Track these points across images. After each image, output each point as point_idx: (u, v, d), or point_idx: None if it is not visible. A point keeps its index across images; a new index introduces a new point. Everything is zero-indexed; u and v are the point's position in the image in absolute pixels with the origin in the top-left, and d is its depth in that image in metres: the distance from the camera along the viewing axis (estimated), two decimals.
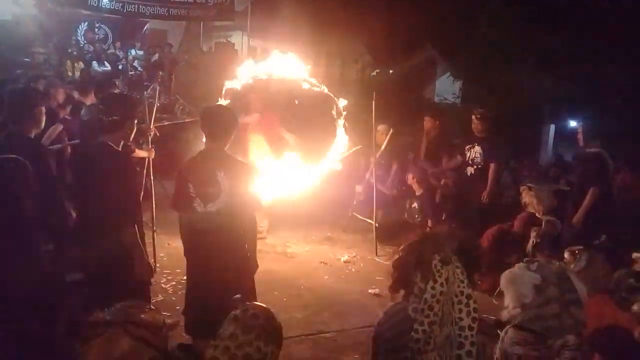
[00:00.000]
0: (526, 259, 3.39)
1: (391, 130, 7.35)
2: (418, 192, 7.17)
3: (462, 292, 2.57)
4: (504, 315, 3.12)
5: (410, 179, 7.24)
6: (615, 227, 6.07)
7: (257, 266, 3.71)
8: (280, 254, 6.51)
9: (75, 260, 3.26)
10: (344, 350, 4.29)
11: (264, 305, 2.14)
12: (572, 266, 3.78)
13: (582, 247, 4.26)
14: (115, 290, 3.13)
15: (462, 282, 2.52)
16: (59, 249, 3.46)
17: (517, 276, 3.11)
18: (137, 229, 3.35)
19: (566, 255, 4.24)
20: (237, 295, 2.17)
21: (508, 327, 3.09)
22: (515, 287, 3.08)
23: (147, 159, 5.53)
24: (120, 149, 3.37)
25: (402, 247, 2.65)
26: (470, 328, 2.50)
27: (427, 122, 7.73)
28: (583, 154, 6.20)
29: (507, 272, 3.20)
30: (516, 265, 3.24)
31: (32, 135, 3.75)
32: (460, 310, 2.58)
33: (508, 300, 3.09)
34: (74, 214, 3.74)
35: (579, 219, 5.80)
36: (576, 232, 5.76)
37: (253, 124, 6.75)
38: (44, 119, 3.82)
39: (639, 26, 14.69)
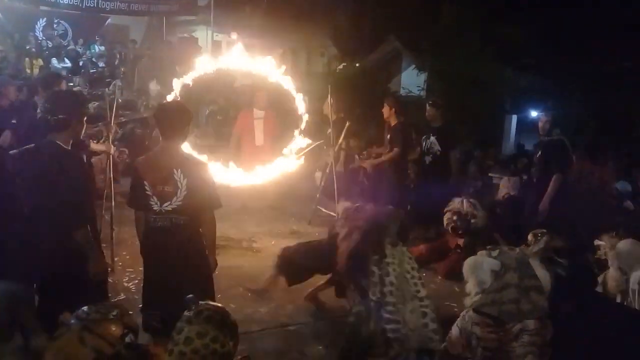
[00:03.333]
0: (489, 246, 3.45)
1: (347, 123, 7.37)
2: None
3: (413, 268, 2.68)
4: (467, 302, 3.18)
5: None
6: (577, 214, 6.24)
7: (217, 264, 3.69)
8: (246, 249, 6.48)
9: (26, 263, 3.17)
10: (308, 342, 4.30)
11: (217, 305, 2.12)
12: (531, 248, 3.86)
13: (544, 230, 4.36)
14: (70, 291, 3.09)
15: (410, 258, 2.63)
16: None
17: (478, 263, 3.17)
18: (91, 227, 3.30)
19: (529, 237, 4.34)
20: (190, 295, 2.14)
21: (468, 308, 3.16)
22: (475, 273, 3.14)
23: (107, 155, 5.43)
24: (69, 148, 3.29)
25: (349, 233, 2.74)
26: (427, 297, 2.64)
27: (385, 109, 7.30)
28: (544, 142, 6.33)
29: (469, 259, 3.27)
30: (478, 252, 3.30)
31: None
32: (416, 284, 2.69)
33: (470, 287, 3.15)
34: None
35: (545, 206, 5.92)
36: (540, 219, 5.88)
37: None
38: None
39: (598, 17, 15.06)
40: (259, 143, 6.85)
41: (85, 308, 1.99)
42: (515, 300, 3.04)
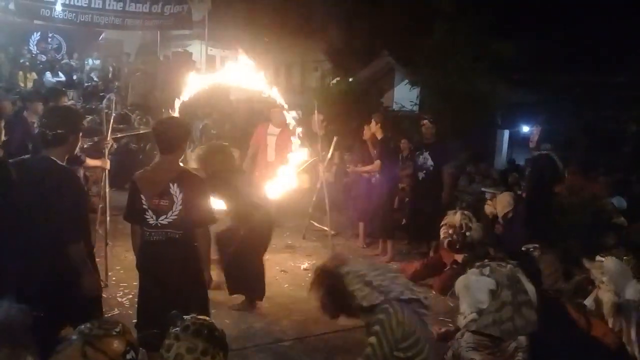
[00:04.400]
0: (477, 263, 3.45)
1: (335, 138, 7.43)
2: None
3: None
4: (461, 321, 3.16)
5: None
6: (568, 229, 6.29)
7: (212, 280, 3.70)
8: None
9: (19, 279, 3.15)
10: (302, 357, 4.30)
11: (203, 317, 2.13)
12: None
13: (536, 245, 4.37)
14: (63, 307, 3.08)
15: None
16: None
17: (472, 282, 3.15)
18: (85, 242, 3.29)
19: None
20: (174, 312, 2.14)
21: (464, 330, 3.15)
22: (470, 292, 3.13)
23: (104, 170, 5.43)
24: (65, 164, 3.30)
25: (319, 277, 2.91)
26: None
27: (372, 124, 7.12)
28: (534, 157, 6.41)
29: (461, 277, 3.24)
30: (469, 270, 3.29)
31: None
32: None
33: (464, 307, 3.13)
34: None
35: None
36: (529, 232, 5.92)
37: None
38: None
39: (589, 34, 15.26)
40: (270, 159, 6.89)
41: (88, 323, 1.99)
42: (511, 318, 3.03)
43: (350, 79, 15.49)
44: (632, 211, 7.30)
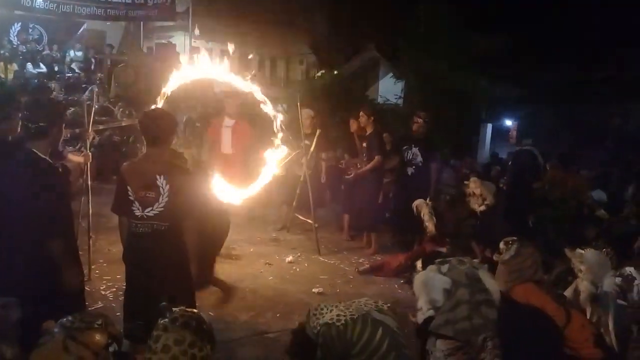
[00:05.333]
0: (438, 260, 3.48)
1: (319, 131, 7.42)
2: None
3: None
4: (419, 317, 3.19)
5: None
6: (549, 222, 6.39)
7: (197, 272, 3.68)
8: (225, 256, 6.46)
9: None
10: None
11: (192, 310, 2.13)
12: (502, 256, 3.90)
13: (515, 238, 4.43)
14: (46, 301, 3.06)
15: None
16: None
17: (429, 279, 3.18)
18: (68, 235, 3.27)
19: (502, 245, 4.40)
20: (163, 303, 2.15)
21: (433, 338, 3.14)
22: (427, 291, 3.16)
23: (85, 164, 5.37)
24: (47, 157, 3.27)
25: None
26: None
27: (362, 118, 7.19)
28: (515, 152, 6.50)
29: (420, 274, 3.28)
30: (428, 267, 3.31)
31: None
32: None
33: (422, 303, 3.17)
34: None
35: None
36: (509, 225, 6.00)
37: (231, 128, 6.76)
38: None
39: (571, 29, 15.41)
40: (226, 151, 6.74)
41: (69, 317, 1.98)
42: (468, 316, 3.04)
43: (335, 72, 15.48)
44: (612, 204, 7.43)
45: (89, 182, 5.48)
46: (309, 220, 7.26)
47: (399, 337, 2.93)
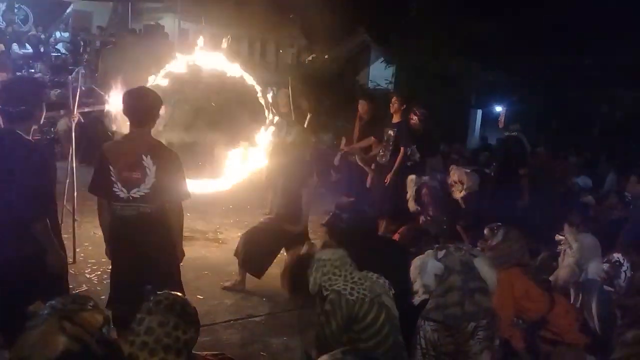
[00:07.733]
0: (437, 245, 3.48)
1: (309, 115, 7.38)
2: None
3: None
4: (416, 300, 3.22)
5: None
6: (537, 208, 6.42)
7: (184, 255, 3.64)
8: (211, 240, 6.46)
9: None
10: (273, 333, 4.32)
11: (176, 293, 2.12)
12: (489, 242, 3.91)
13: (500, 224, 4.44)
14: (28, 284, 3.03)
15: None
16: None
17: (424, 263, 3.20)
18: (52, 218, 3.22)
19: (486, 232, 4.41)
20: (147, 286, 2.13)
21: (422, 320, 3.18)
22: (421, 274, 3.18)
23: (70, 145, 5.32)
24: (30, 137, 3.21)
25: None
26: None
27: (362, 106, 7.56)
28: (503, 138, 6.51)
29: (416, 259, 3.29)
30: (426, 252, 3.32)
31: None
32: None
33: (417, 287, 3.20)
34: None
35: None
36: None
37: None
38: None
39: (561, 16, 15.38)
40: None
41: (60, 298, 1.95)
42: (459, 302, 3.06)
43: (326, 56, 15.39)
44: (598, 190, 7.49)
45: (74, 165, 5.43)
46: None
47: (398, 325, 3.03)
